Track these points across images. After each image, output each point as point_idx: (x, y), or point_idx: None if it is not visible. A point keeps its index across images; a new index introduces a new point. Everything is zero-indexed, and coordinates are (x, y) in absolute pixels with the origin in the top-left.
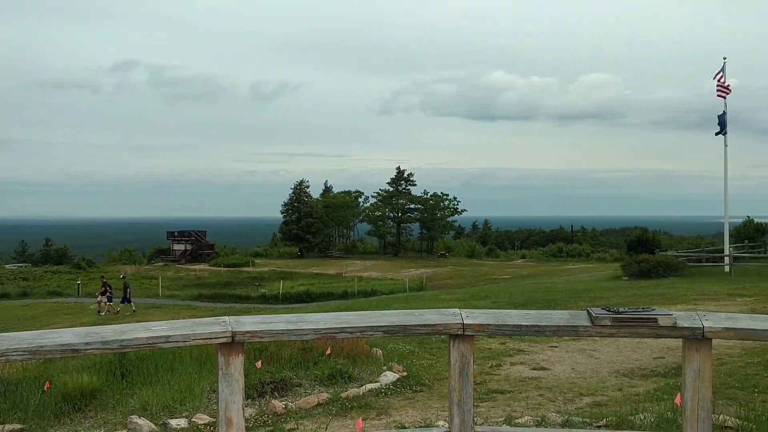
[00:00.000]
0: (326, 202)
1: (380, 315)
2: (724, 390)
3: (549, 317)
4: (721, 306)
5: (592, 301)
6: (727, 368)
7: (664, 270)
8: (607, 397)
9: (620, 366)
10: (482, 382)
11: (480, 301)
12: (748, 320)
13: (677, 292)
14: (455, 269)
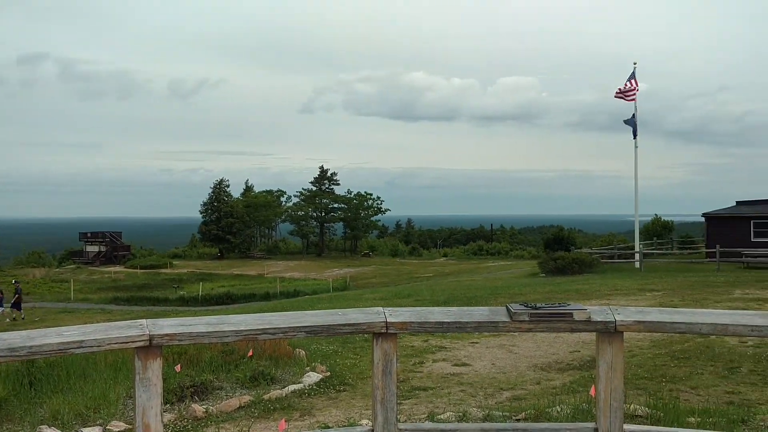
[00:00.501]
0: (247, 201)
1: (303, 315)
2: (634, 381)
3: (470, 314)
4: (632, 300)
5: (511, 297)
6: (638, 360)
7: (579, 267)
8: (525, 390)
9: (538, 360)
10: (405, 380)
11: (403, 300)
12: (656, 313)
13: (591, 287)
14: (379, 268)
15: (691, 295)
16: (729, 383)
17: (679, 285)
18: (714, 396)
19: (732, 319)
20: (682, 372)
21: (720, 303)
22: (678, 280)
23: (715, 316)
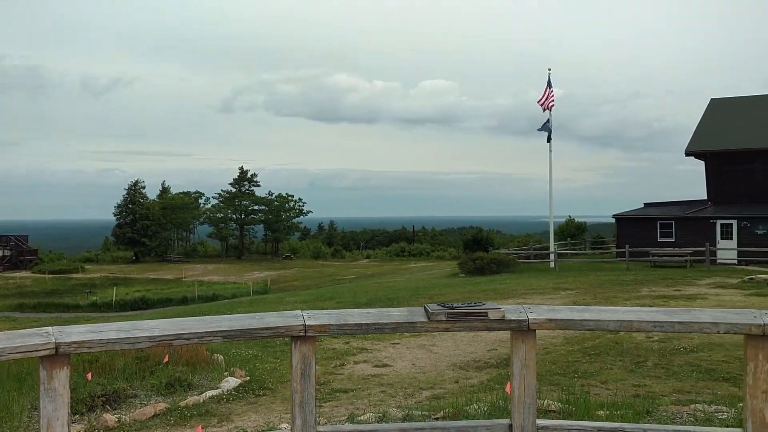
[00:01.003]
0: (164, 203)
1: (220, 320)
2: (548, 377)
3: (389, 315)
4: (547, 299)
5: (432, 297)
6: (552, 357)
7: (497, 267)
8: (444, 389)
9: (457, 359)
10: (326, 382)
11: (325, 302)
12: (567, 312)
13: (508, 287)
14: (301, 271)
15: (602, 293)
16: (636, 377)
17: (591, 283)
18: (622, 389)
19: (636, 316)
20: (593, 367)
21: (629, 300)
22: (590, 278)
23: (621, 314)
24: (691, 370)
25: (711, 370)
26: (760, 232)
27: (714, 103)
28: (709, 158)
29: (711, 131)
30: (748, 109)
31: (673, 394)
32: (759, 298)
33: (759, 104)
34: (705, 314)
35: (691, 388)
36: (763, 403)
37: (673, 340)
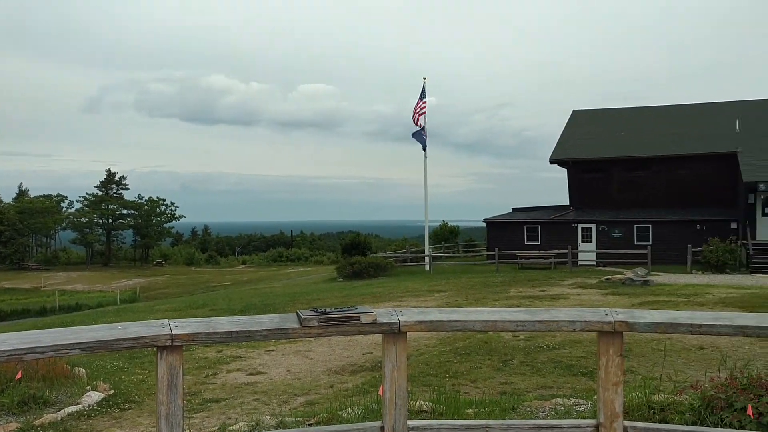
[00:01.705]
0: (20, 207)
1: (78, 331)
2: (422, 378)
3: (260, 322)
4: (422, 301)
5: (309, 303)
6: (425, 358)
7: (374, 270)
8: (319, 395)
9: (333, 364)
10: (197, 393)
11: (198, 310)
12: (436, 313)
13: (385, 290)
14: (173, 278)
15: (473, 294)
16: (503, 375)
17: (463, 285)
18: (490, 387)
19: (500, 316)
20: (463, 367)
21: (497, 301)
22: (462, 280)
23: (486, 314)
24: (554, 367)
25: (571, 366)
26: (616, 235)
27: (576, 115)
28: (570, 166)
29: (573, 141)
30: (606, 120)
31: (537, 390)
32: (615, 297)
33: (616, 117)
34: (562, 313)
35: (553, 383)
36: (613, 395)
37: (538, 338)
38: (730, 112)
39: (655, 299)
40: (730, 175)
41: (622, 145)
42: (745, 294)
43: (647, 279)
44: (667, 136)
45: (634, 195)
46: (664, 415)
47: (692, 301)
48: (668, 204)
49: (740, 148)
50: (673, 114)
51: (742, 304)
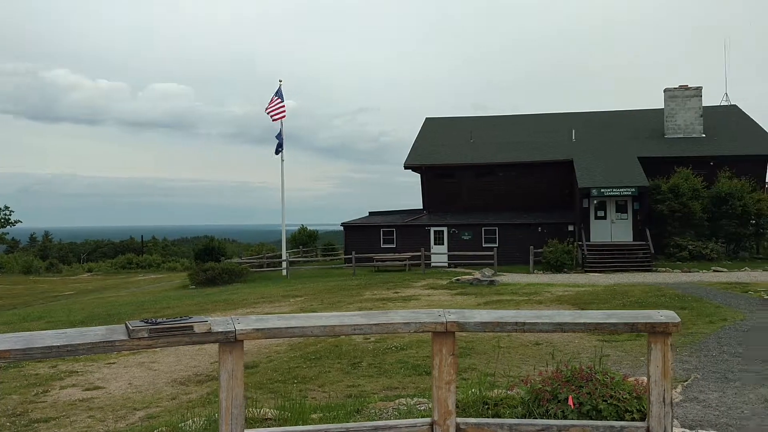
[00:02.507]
0: None
1: None
2: (269, 384)
3: (85, 335)
4: (276, 307)
5: (157, 312)
6: (274, 364)
7: (229, 277)
8: (161, 408)
9: (178, 375)
10: (23, 413)
11: (33, 323)
12: (275, 320)
13: (239, 296)
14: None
15: (329, 298)
16: (351, 377)
17: (320, 290)
18: (338, 391)
19: (339, 321)
20: (312, 372)
21: (352, 304)
22: (319, 285)
23: (325, 319)
24: (400, 367)
25: (417, 366)
26: (466, 237)
27: (428, 122)
28: (424, 171)
29: (425, 147)
30: (457, 128)
31: (383, 391)
32: (463, 297)
33: (466, 124)
34: (398, 315)
35: (398, 383)
36: (447, 393)
37: (388, 340)
38: (568, 122)
39: (499, 298)
40: (567, 181)
41: (471, 152)
42: (578, 291)
43: (493, 279)
44: (512, 144)
45: (482, 199)
46: (497, 410)
47: (532, 299)
48: (513, 208)
49: (576, 157)
50: (518, 123)
51: (575, 300)
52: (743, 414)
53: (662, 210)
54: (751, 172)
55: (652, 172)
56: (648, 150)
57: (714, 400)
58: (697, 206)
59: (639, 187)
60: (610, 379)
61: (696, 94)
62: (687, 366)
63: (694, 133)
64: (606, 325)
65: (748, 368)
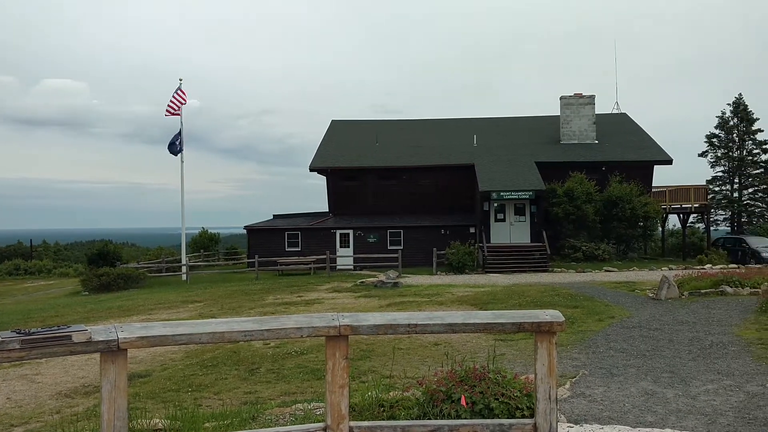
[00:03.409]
0: None
1: None
2: (162, 393)
3: None
4: (174, 313)
5: (45, 320)
6: (168, 372)
7: (125, 282)
8: (42, 422)
9: (64, 387)
10: None
11: None
12: (160, 328)
13: (135, 303)
14: None
15: (229, 303)
16: (248, 384)
17: (220, 295)
18: (234, 398)
19: (228, 327)
20: (208, 379)
21: (253, 309)
22: (220, 290)
23: (214, 326)
24: (299, 372)
25: (316, 370)
26: (372, 240)
27: (334, 124)
28: (329, 174)
29: (331, 150)
30: (362, 130)
31: (281, 397)
32: (366, 299)
33: (371, 128)
34: (291, 320)
35: (296, 389)
36: (340, 397)
37: (288, 345)
38: (470, 127)
39: (402, 300)
40: (469, 185)
41: (376, 155)
42: (478, 292)
43: (397, 281)
44: (417, 148)
45: (387, 202)
46: (393, 412)
47: (434, 300)
48: (418, 211)
49: (477, 161)
50: (423, 127)
51: (474, 301)
52: (624, 407)
53: (558, 213)
54: (639, 177)
55: (548, 176)
56: (545, 155)
57: (599, 395)
58: (590, 209)
59: (536, 191)
60: (502, 377)
61: (589, 102)
62: (576, 363)
63: (587, 140)
64: (494, 325)
65: (631, 363)
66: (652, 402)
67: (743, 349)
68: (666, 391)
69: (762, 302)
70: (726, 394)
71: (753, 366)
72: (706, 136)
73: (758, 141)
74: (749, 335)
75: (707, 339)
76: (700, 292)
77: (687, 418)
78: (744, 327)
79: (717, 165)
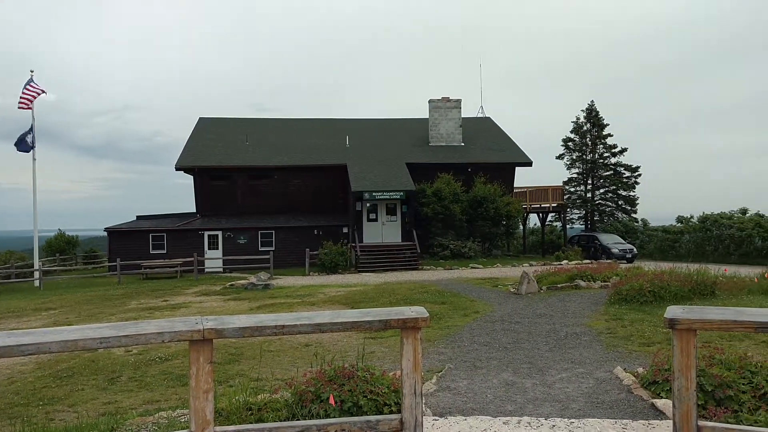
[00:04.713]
0: None
1: None
2: (9, 409)
3: None
4: (24, 322)
5: None
6: (16, 386)
7: None
8: None
9: None
10: None
11: None
12: (4, 337)
13: None
14: None
15: (88, 310)
16: (108, 394)
17: (78, 301)
18: (91, 410)
19: (82, 334)
20: (63, 391)
21: (114, 315)
22: (78, 296)
23: (66, 334)
24: (164, 379)
25: (182, 376)
26: (242, 241)
27: (202, 122)
28: (197, 173)
29: (199, 148)
30: (232, 129)
31: (143, 406)
32: (236, 302)
33: (241, 126)
34: (151, 325)
35: (160, 396)
36: (204, 403)
37: (152, 351)
38: (342, 128)
39: (273, 301)
40: (342, 185)
41: (246, 154)
42: (351, 291)
43: (268, 283)
44: (289, 147)
45: (258, 202)
46: (261, 415)
47: (306, 301)
48: (290, 211)
49: (349, 161)
50: (294, 127)
51: (346, 300)
52: (486, 398)
53: (427, 212)
54: (502, 178)
55: (418, 177)
56: (415, 156)
57: (463, 387)
58: (457, 209)
59: (407, 191)
60: (371, 375)
61: (456, 106)
62: (443, 357)
63: (454, 142)
64: (362, 323)
65: (493, 356)
66: (512, 392)
67: (594, 339)
68: (525, 381)
69: (611, 294)
70: (578, 381)
71: (602, 354)
72: (563, 140)
73: (608, 145)
74: (599, 325)
75: (563, 330)
76: (557, 287)
77: (543, 406)
78: (595, 318)
79: (573, 167)
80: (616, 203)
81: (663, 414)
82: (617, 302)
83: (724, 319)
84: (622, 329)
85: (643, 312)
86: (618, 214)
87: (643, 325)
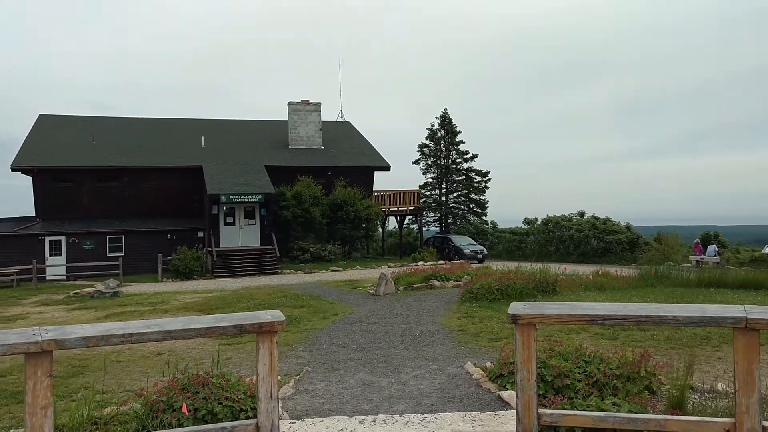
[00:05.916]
0: None
1: None
2: None
3: None
4: None
5: None
6: None
7: None
8: None
9: None
10: None
11: None
12: None
13: None
14: None
15: None
16: None
17: None
18: None
19: None
20: None
21: None
22: None
23: None
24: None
25: (17, 393)
26: (89, 247)
27: (43, 119)
28: (37, 174)
29: (39, 147)
30: (76, 127)
31: None
32: (81, 312)
33: (86, 124)
34: None
35: None
36: (43, 419)
37: None
38: (197, 128)
39: (123, 310)
40: (197, 188)
41: (92, 154)
42: (207, 297)
43: (117, 290)
44: (139, 148)
45: (107, 206)
46: (108, 429)
47: (158, 309)
48: (141, 214)
49: (205, 163)
50: (145, 126)
51: (202, 306)
52: (343, 399)
53: (287, 215)
54: (362, 182)
55: (277, 180)
56: (274, 159)
57: (321, 389)
58: (317, 212)
59: (265, 194)
60: (226, 381)
61: (316, 109)
62: (301, 360)
63: (314, 145)
64: (216, 329)
65: (351, 357)
66: (369, 391)
67: (447, 336)
68: (381, 380)
69: (462, 293)
70: (431, 377)
71: (454, 350)
72: (419, 146)
73: (461, 151)
74: (452, 323)
75: (418, 329)
76: (413, 287)
77: (398, 403)
78: (448, 316)
79: (428, 172)
80: (468, 206)
81: (508, 405)
82: (468, 300)
83: (561, 313)
84: (473, 326)
85: (492, 309)
86: (470, 217)
87: (492, 322)
